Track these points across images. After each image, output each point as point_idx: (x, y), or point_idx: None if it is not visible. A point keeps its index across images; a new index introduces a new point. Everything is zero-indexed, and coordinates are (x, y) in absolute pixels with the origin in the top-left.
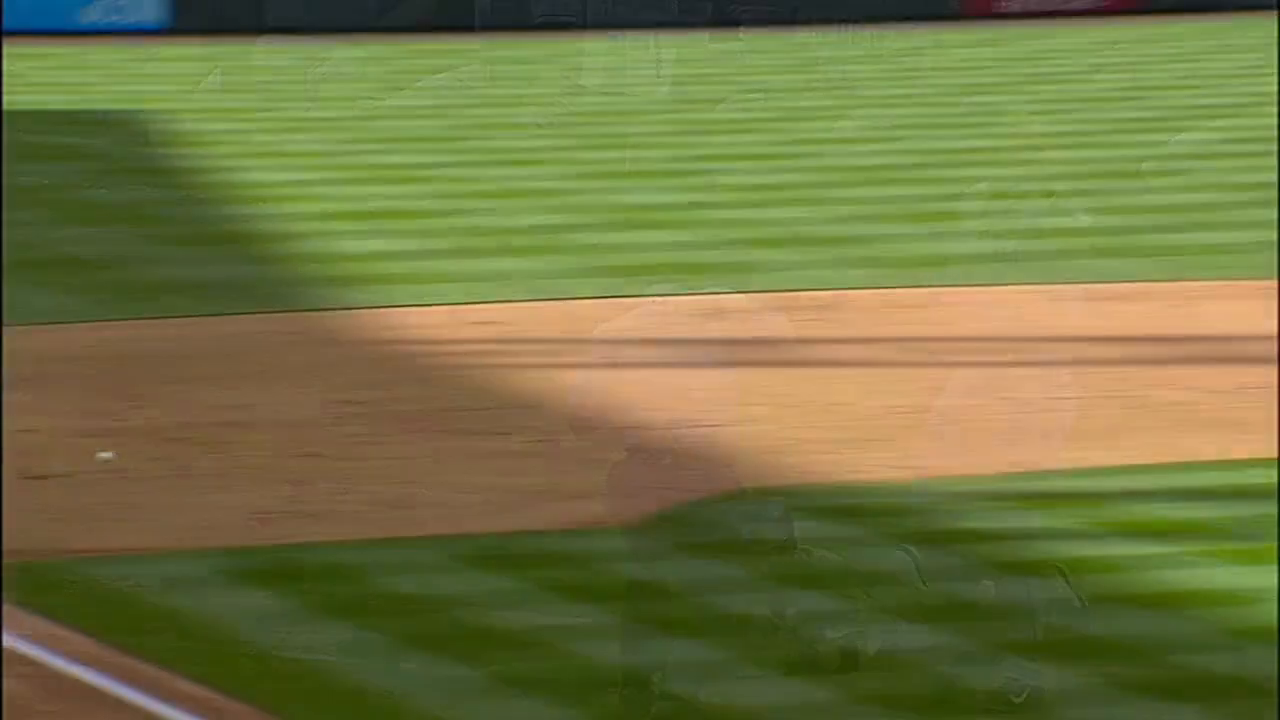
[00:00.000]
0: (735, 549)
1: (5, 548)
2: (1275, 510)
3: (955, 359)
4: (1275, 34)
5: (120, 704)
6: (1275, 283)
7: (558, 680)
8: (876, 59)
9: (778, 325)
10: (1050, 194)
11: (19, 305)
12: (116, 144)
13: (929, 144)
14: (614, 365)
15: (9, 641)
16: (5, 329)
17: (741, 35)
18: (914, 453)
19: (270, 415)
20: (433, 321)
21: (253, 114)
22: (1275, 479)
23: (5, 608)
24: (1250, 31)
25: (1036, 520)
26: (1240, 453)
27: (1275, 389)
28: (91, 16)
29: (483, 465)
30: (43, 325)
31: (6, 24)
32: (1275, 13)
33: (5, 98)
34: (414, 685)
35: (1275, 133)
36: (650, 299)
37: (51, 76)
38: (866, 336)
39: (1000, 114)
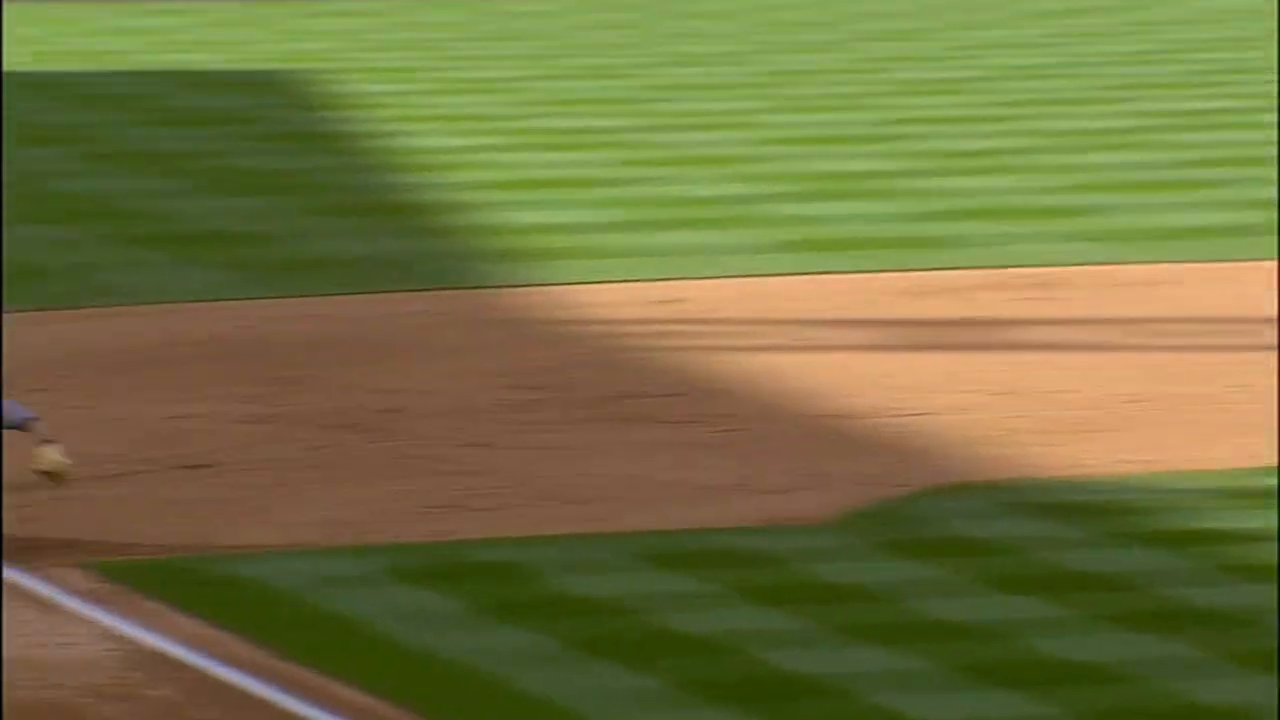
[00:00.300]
0: (942, 549)
1: (156, 543)
2: None
3: (1185, 342)
4: None
5: (276, 711)
6: None
7: (744, 690)
8: (1105, 10)
9: (990, 305)
10: None
11: (168, 283)
12: (272, 107)
13: (1157, 105)
14: (809, 348)
15: (158, 644)
16: (153, 307)
17: None
18: (1140, 445)
19: (435, 401)
20: (610, 299)
21: (419, 73)
22: None
23: (155, 607)
24: None
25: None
26: None
27: None
28: None
29: (665, 456)
30: (193, 304)
31: None
32: None
33: (152, 56)
34: (588, 694)
35: None
36: (846, 275)
37: (204, 35)
38: (1087, 317)
39: (1241, 72)
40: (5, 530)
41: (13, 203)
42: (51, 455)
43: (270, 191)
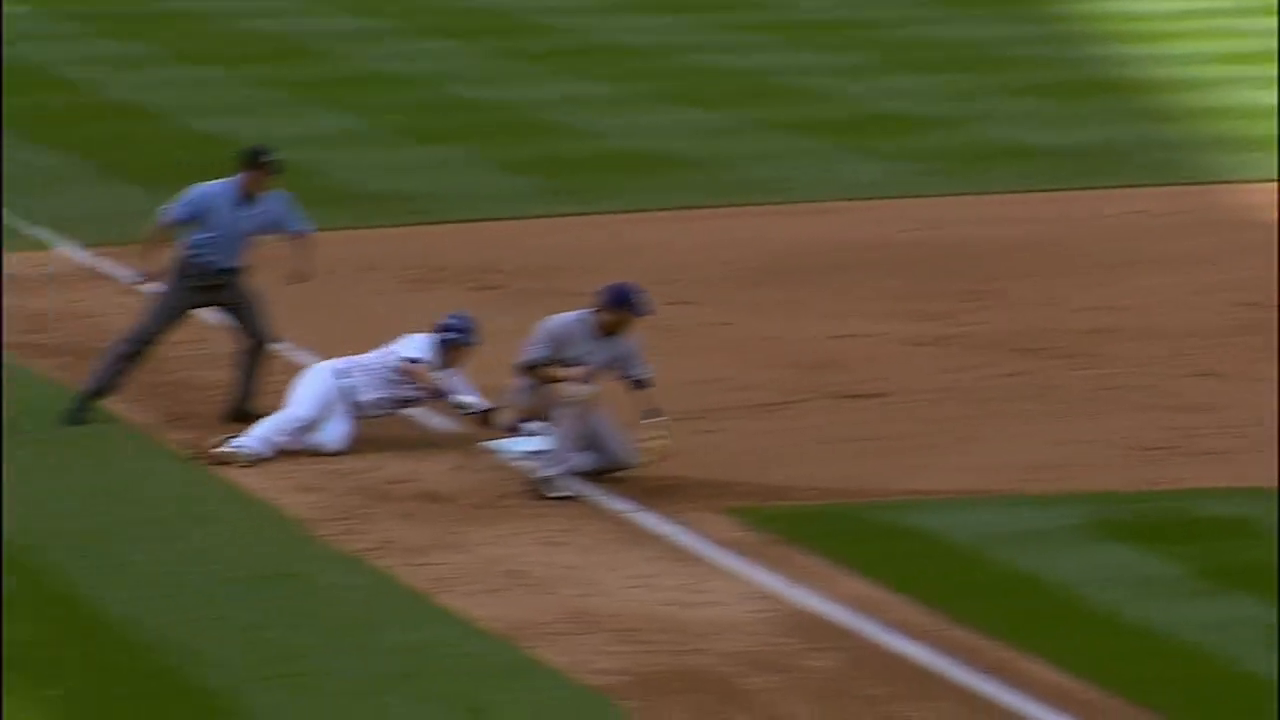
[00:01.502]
0: None
1: (811, 486)
2: None
3: None
4: None
5: (953, 688)
6: None
7: None
8: None
9: None
10: None
11: (826, 176)
12: None
13: None
14: None
15: (815, 605)
16: (808, 204)
17: None
18: None
19: (1151, 321)
20: None
21: None
22: None
23: (811, 562)
24: None
25: None
26: None
27: None
28: None
29: None
30: (856, 201)
31: None
32: None
33: None
34: None
35: None
36: None
37: None
38: None
39: None
40: (636, 469)
41: (648, 79)
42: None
43: (954, 67)
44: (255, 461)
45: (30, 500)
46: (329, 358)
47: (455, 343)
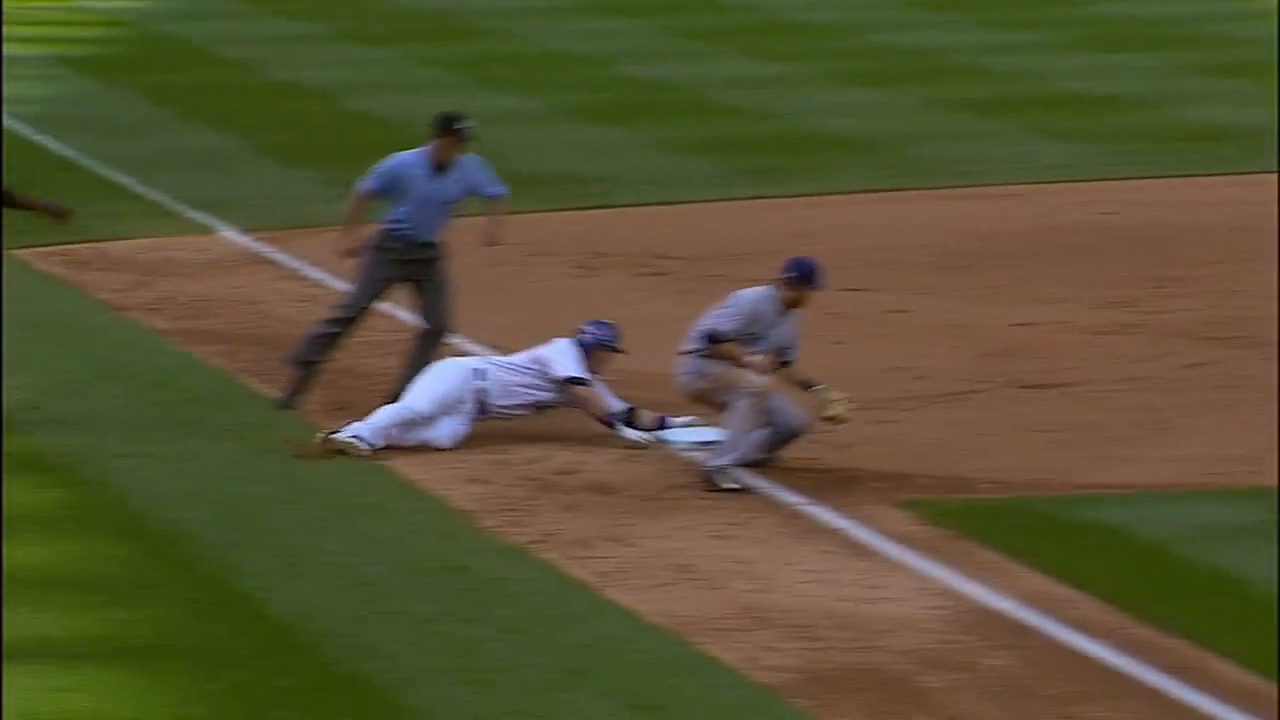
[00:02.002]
0: None
1: (992, 479)
2: None
3: None
4: None
5: (1140, 688)
6: None
7: None
8: None
9: None
10: None
11: (1012, 157)
12: None
13: None
14: None
15: (994, 603)
16: (991, 187)
17: None
18: None
19: None
20: None
21: None
22: None
23: (991, 557)
24: None
25: None
26: None
27: None
28: None
29: None
30: (1042, 184)
31: None
32: None
33: None
34: None
35: None
36: None
37: None
38: None
39: None
40: (814, 459)
41: (827, 59)
42: (835, 405)
43: (1144, 45)
44: (375, 451)
45: (203, 491)
46: (493, 347)
47: (602, 349)
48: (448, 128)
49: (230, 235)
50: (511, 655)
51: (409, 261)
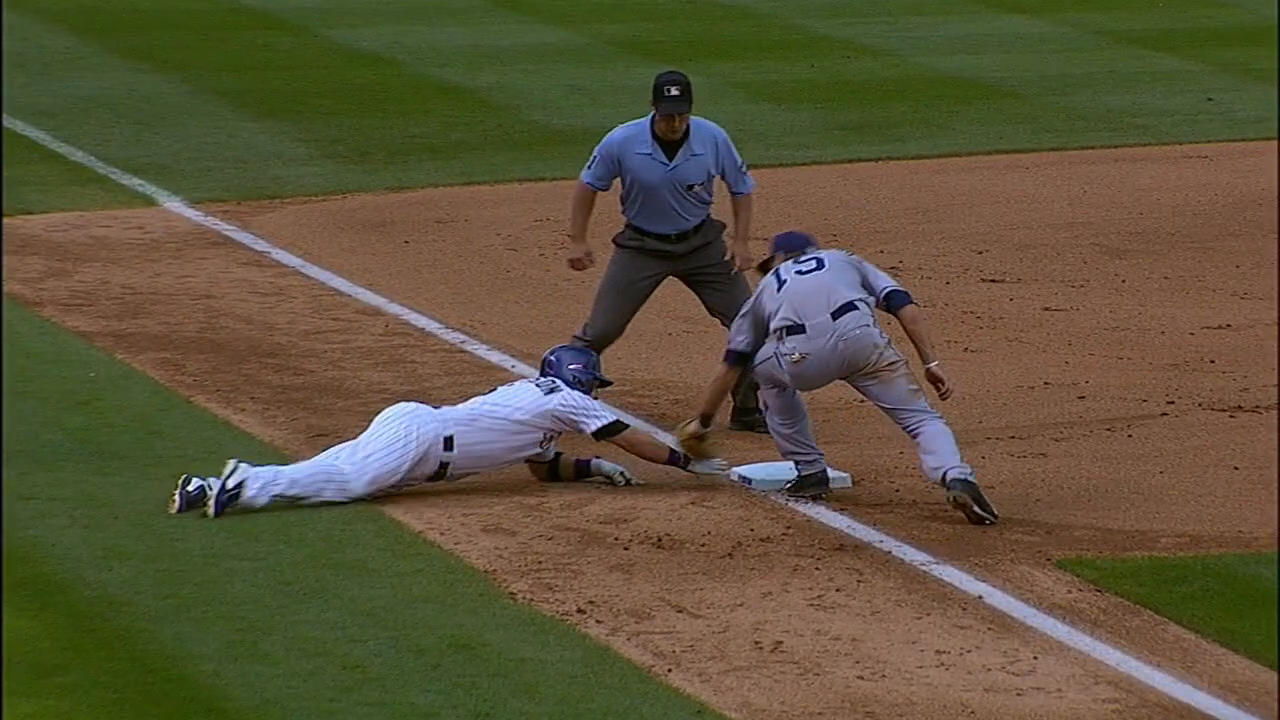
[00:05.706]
0: None
1: (1174, 530)
2: None
3: None
4: None
5: None
6: None
7: None
8: None
9: None
10: None
11: (1212, 109)
12: None
13: None
14: None
15: (1175, 693)
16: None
17: None
18: None
19: None
20: None
21: None
22: None
23: (1172, 633)
24: None
25: None
26: None
27: None
28: None
29: None
30: (1246, 142)
31: None
32: None
33: None
34: None
35: None
36: None
37: None
38: None
39: None
40: (942, 506)
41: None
42: None
43: None
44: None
45: (133, 546)
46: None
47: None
48: (660, 94)
49: (174, 207)
50: None
51: (659, 255)
